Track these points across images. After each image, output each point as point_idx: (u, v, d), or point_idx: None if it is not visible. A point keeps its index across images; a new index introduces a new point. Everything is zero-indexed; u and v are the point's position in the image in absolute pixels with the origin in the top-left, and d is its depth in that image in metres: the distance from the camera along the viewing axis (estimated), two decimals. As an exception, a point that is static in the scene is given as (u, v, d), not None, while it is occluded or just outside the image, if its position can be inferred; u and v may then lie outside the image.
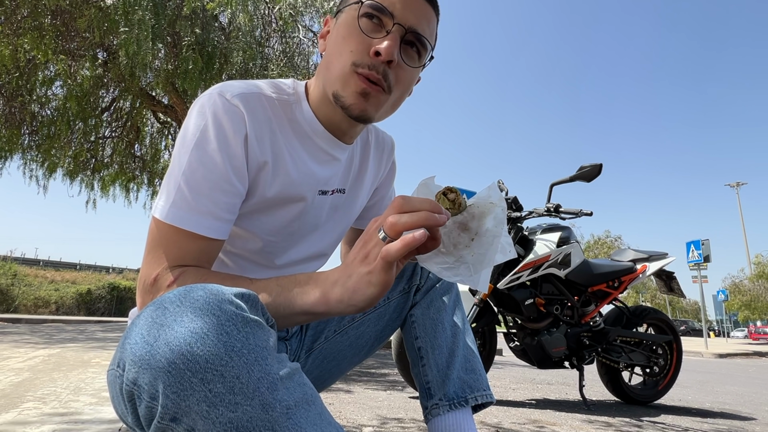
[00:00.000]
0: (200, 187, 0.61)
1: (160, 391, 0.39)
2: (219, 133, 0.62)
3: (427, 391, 0.82)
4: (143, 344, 0.40)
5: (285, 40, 5.95)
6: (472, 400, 0.81)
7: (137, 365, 0.40)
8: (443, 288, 0.88)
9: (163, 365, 0.39)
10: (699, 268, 12.52)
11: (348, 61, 0.64)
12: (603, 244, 31.37)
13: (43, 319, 9.69)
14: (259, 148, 0.65)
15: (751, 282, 27.16)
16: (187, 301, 0.42)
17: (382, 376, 3.38)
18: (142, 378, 0.40)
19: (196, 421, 0.39)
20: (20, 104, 6.30)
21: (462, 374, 0.83)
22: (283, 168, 0.69)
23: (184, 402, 0.39)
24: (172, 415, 0.39)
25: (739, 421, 2.32)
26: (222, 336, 0.40)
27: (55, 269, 18.64)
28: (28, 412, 1.63)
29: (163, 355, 0.39)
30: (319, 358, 0.88)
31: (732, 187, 32.78)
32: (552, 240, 2.52)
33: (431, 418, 0.80)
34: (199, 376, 0.39)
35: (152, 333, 0.41)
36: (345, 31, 0.65)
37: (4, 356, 3.29)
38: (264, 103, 0.67)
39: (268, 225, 0.72)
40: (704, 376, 5.24)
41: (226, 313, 0.41)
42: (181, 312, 0.41)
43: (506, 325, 2.66)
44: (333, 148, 0.74)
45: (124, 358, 0.42)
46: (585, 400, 2.40)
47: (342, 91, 0.65)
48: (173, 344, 0.39)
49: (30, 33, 5.06)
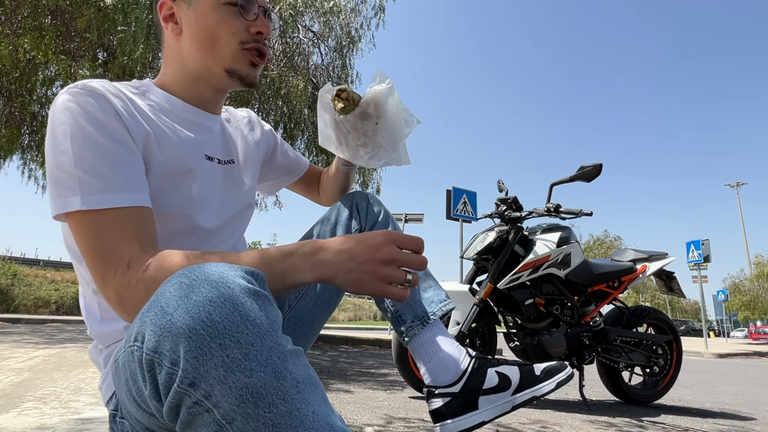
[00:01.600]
0: (99, 169, 0.61)
1: (181, 356, 0.41)
2: (89, 118, 0.63)
3: (398, 318, 0.89)
4: (163, 314, 0.43)
5: (285, 40, 5.95)
6: (438, 311, 0.89)
7: (158, 334, 0.42)
8: (382, 225, 0.95)
9: (184, 331, 0.41)
10: (699, 268, 12.50)
11: (235, 43, 0.76)
12: (602, 244, 31.33)
13: (43, 319, 9.69)
14: (134, 121, 0.68)
15: (751, 282, 27.14)
16: (202, 275, 0.44)
17: (382, 376, 3.38)
18: (164, 345, 0.42)
19: (213, 386, 0.41)
20: (20, 104, 6.29)
21: (423, 293, 0.91)
22: (164, 136, 0.71)
23: (202, 367, 0.41)
24: (191, 380, 0.41)
25: (739, 421, 2.32)
26: (237, 306, 0.42)
27: (55, 269, 18.63)
28: (28, 412, 1.63)
29: (184, 321, 0.41)
30: (290, 326, 0.91)
31: (732, 187, 32.78)
32: (552, 240, 2.52)
33: (409, 339, 0.87)
34: (217, 341, 0.41)
35: (171, 304, 0.43)
36: (219, 17, 0.75)
37: (4, 356, 3.29)
38: (117, 87, 0.70)
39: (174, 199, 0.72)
40: (704, 376, 5.24)
41: (239, 285, 0.44)
42: (198, 284, 0.44)
43: (506, 325, 2.66)
44: (199, 117, 0.80)
45: (143, 331, 0.44)
46: (585, 400, 2.40)
47: (235, 65, 0.77)
48: (193, 311, 0.42)
49: (30, 33, 5.06)
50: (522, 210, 2.57)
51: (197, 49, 0.76)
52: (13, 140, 6.64)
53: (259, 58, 0.79)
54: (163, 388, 0.43)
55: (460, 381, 0.83)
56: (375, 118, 0.87)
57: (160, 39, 0.82)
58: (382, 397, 2.38)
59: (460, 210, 6.97)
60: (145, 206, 0.63)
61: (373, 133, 0.88)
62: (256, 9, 0.78)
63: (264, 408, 0.41)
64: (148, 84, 0.79)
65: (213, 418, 0.41)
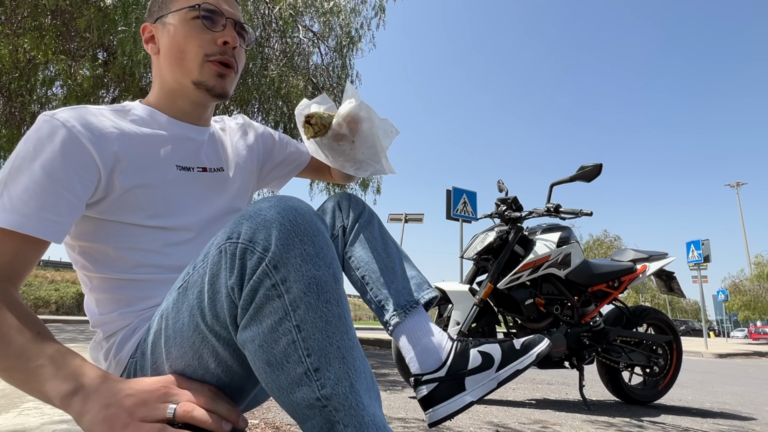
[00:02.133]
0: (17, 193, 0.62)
1: (272, 242, 0.51)
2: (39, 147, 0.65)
3: (381, 309, 0.89)
4: (258, 215, 0.53)
5: (285, 40, 5.95)
6: (421, 299, 0.89)
7: (254, 228, 0.52)
8: (365, 221, 0.95)
9: (278, 221, 0.52)
10: (699, 268, 12.51)
11: (200, 55, 0.78)
12: (602, 244, 31.32)
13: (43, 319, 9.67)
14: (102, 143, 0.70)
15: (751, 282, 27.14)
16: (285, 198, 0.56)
17: (382, 376, 3.38)
18: (259, 234, 0.52)
19: (290, 272, 0.51)
20: (20, 104, 6.29)
21: (405, 283, 0.91)
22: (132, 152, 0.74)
23: (286, 254, 0.51)
24: (276, 263, 0.51)
25: (739, 421, 2.32)
26: (310, 218, 0.55)
27: (55, 269, 18.63)
28: (28, 412, 1.63)
29: (275, 219, 0.53)
30: None
31: (732, 187, 32.76)
32: (552, 240, 2.52)
33: (393, 329, 0.87)
34: (299, 237, 0.52)
35: (264, 210, 0.54)
36: (185, 32, 0.78)
37: (4, 356, 3.29)
38: (93, 112, 0.73)
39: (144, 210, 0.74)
40: (704, 376, 5.24)
41: (313, 210, 0.57)
42: (281, 200, 0.56)
43: (506, 325, 2.66)
44: (183, 130, 0.83)
45: (239, 230, 0.53)
46: (585, 400, 2.40)
47: (201, 77, 0.79)
48: (283, 212, 0.53)
49: (30, 33, 5.06)
50: (522, 210, 2.57)
51: (169, 64, 0.80)
52: (12, 140, 6.64)
53: (226, 68, 0.81)
54: (250, 272, 0.51)
55: (445, 365, 0.84)
56: (351, 137, 0.86)
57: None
58: (382, 397, 2.38)
59: (460, 210, 6.98)
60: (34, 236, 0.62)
61: (352, 151, 0.88)
62: (224, 21, 0.81)
63: (323, 302, 0.52)
64: (134, 104, 0.83)
65: (282, 304, 0.50)
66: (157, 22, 0.82)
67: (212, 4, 0.80)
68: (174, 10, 0.80)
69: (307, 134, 0.86)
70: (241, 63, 0.85)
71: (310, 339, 0.50)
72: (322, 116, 0.85)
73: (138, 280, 0.74)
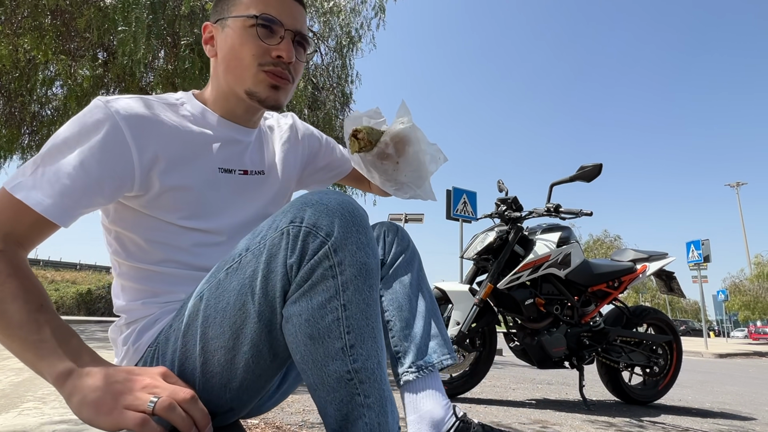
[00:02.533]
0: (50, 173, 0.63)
1: (336, 228, 0.57)
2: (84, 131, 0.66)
3: (397, 359, 0.88)
4: (320, 204, 0.59)
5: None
6: (438, 364, 0.88)
7: (318, 213, 0.58)
8: (406, 260, 0.94)
9: (339, 211, 0.58)
10: (699, 268, 12.51)
11: (254, 64, 0.77)
12: (602, 244, 31.32)
13: (43, 319, 9.66)
14: (145, 142, 0.70)
15: (751, 282, 27.14)
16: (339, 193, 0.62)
17: (382, 376, 3.37)
18: (323, 221, 0.57)
19: (345, 256, 0.57)
20: (20, 104, 6.29)
21: (428, 341, 0.90)
22: (175, 152, 0.74)
23: (345, 239, 0.57)
24: (336, 247, 0.56)
25: (739, 421, 2.32)
26: (363, 212, 0.61)
27: (55, 269, 18.64)
28: (28, 412, 1.63)
29: (337, 207, 0.59)
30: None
31: (732, 187, 32.78)
32: (552, 240, 2.52)
33: (402, 384, 0.87)
34: (357, 225, 0.59)
35: (325, 200, 0.59)
36: (241, 39, 0.77)
37: (4, 356, 3.29)
38: (144, 103, 0.73)
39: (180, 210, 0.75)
40: (704, 376, 5.24)
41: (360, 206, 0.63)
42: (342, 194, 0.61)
43: (506, 325, 2.66)
44: (231, 131, 0.83)
45: (302, 215, 0.58)
46: (585, 400, 2.40)
47: (254, 87, 0.78)
48: (343, 203, 0.59)
49: (30, 33, 5.06)
50: (522, 210, 2.57)
51: (224, 70, 0.80)
52: (12, 140, 6.64)
53: (280, 79, 0.79)
54: (311, 253, 0.56)
55: None
56: (396, 158, 0.84)
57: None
58: (382, 397, 2.38)
59: (460, 210, 6.98)
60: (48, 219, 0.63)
61: (394, 172, 0.86)
62: (282, 33, 0.78)
63: (368, 287, 0.58)
64: (188, 96, 0.83)
65: (335, 284, 0.56)
66: (218, 23, 0.81)
67: (273, 15, 0.77)
68: (234, 15, 0.78)
69: (352, 148, 0.85)
70: (298, 75, 0.84)
71: (352, 318, 0.57)
72: (371, 132, 0.83)
73: (165, 274, 0.75)
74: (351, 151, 0.86)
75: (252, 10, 0.77)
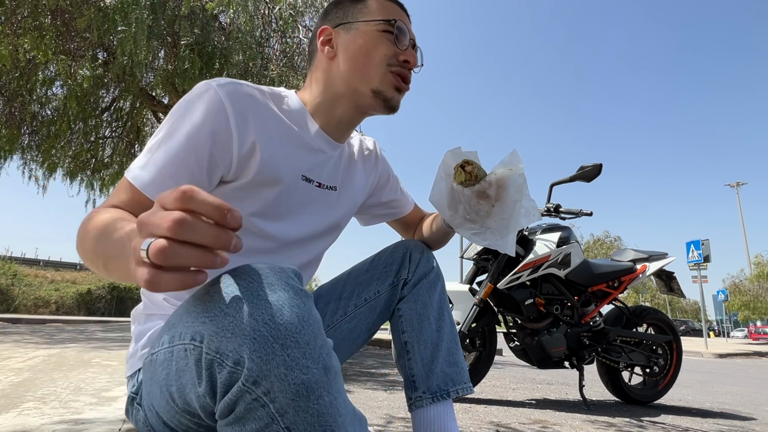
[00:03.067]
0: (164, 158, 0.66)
1: (246, 357, 0.44)
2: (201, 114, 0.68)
3: (412, 383, 0.87)
4: (224, 316, 0.45)
5: (285, 40, 5.94)
6: (453, 393, 0.86)
7: (220, 335, 0.45)
8: (429, 282, 0.93)
9: (249, 333, 0.44)
10: (699, 268, 12.51)
11: (384, 64, 0.79)
12: (602, 244, 31.31)
13: (43, 319, 9.68)
14: (246, 128, 0.71)
15: (751, 282, 27.13)
16: (258, 278, 0.47)
17: (382, 376, 3.38)
18: (227, 346, 0.44)
19: (273, 384, 0.44)
20: (20, 104, 6.30)
21: (445, 368, 0.88)
22: (270, 147, 0.74)
23: (266, 366, 0.44)
24: (255, 379, 0.43)
25: (739, 421, 2.32)
26: (294, 308, 0.46)
27: (55, 269, 18.63)
28: (28, 412, 1.63)
29: (248, 324, 0.44)
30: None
31: (732, 187, 32.76)
32: (552, 240, 2.52)
33: (415, 409, 0.85)
34: (279, 342, 0.44)
35: (232, 306, 0.45)
36: (375, 41, 0.80)
37: (4, 356, 3.29)
38: (252, 91, 0.74)
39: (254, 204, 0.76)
40: (704, 376, 5.24)
41: (293, 287, 0.48)
42: (256, 288, 0.47)
43: (506, 325, 2.66)
44: (320, 142, 0.82)
45: (203, 331, 0.46)
46: (585, 400, 2.40)
47: (381, 86, 0.80)
48: (256, 315, 0.45)
49: (30, 33, 5.06)
50: (522, 210, 2.57)
51: (348, 69, 0.80)
52: (12, 140, 6.64)
53: (403, 82, 0.82)
54: (222, 387, 0.45)
55: None
56: (492, 200, 0.82)
57: (311, 60, 0.87)
58: (382, 397, 2.38)
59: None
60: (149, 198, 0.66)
61: (486, 215, 0.84)
62: (408, 41, 0.83)
63: (313, 401, 0.45)
64: (291, 93, 0.84)
65: (267, 412, 0.44)
66: (339, 28, 0.82)
67: (404, 24, 0.82)
68: (364, 20, 0.81)
69: (457, 178, 0.83)
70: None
71: None
72: (479, 168, 0.82)
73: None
74: (455, 181, 0.83)
75: (388, 15, 0.81)
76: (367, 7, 0.82)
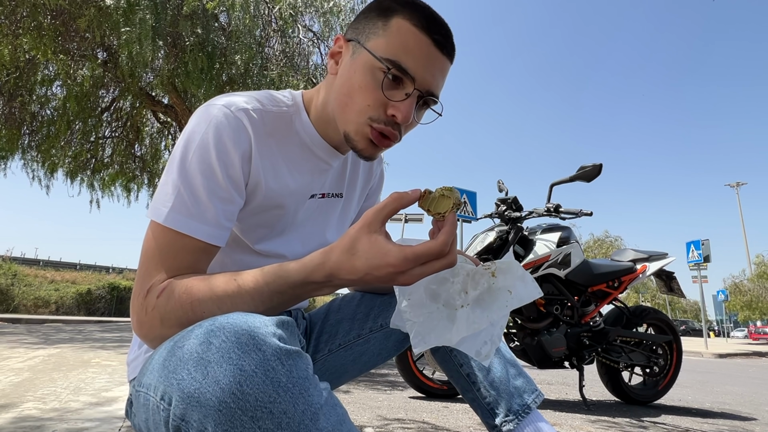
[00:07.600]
0: (199, 194, 0.62)
1: (210, 429, 0.40)
2: (219, 144, 0.64)
3: (490, 411, 0.84)
4: (191, 381, 0.42)
5: (285, 40, 5.94)
6: (533, 404, 0.84)
7: (185, 402, 0.41)
8: None
9: (214, 404, 0.40)
10: (699, 268, 12.51)
11: (365, 115, 0.67)
12: (602, 244, 31.29)
13: (43, 319, 9.69)
14: (259, 163, 0.69)
15: (752, 282, 27.11)
16: (232, 336, 0.43)
17: (381, 376, 3.38)
18: (191, 415, 0.41)
19: None
20: (20, 104, 6.29)
21: (515, 383, 0.86)
22: (280, 179, 0.73)
23: None
24: None
25: (739, 421, 2.32)
26: (269, 372, 0.41)
27: (55, 269, 18.62)
28: (28, 412, 1.63)
29: (214, 393, 0.40)
30: (320, 370, 0.89)
31: (732, 187, 32.77)
32: (552, 240, 2.52)
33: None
34: (249, 414, 0.40)
35: (200, 370, 0.42)
36: (364, 81, 0.66)
37: (4, 356, 3.29)
38: (264, 118, 0.70)
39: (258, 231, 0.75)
40: (704, 376, 5.24)
41: (270, 347, 0.43)
42: (227, 348, 0.42)
43: (506, 325, 2.66)
44: (329, 156, 0.79)
45: (171, 393, 0.43)
46: (585, 400, 2.40)
47: (354, 136, 0.69)
48: (223, 383, 0.40)
49: (30, 33, 5.06)
50: (522, 210, 2.57)
51: (334, 100, 0.71)
52: (13, 140, 6.64)
53: (384, 139, 0.69)
54: None
55: None
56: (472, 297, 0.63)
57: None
58: (382, 398, 2.38)
59: (460, 210, 6.98)
60: (215, 245, 0.64)
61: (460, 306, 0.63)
62: (410, 90, 0.66)
63: None
64: (300, 105, 0.76)
65: None
66: (351, 44, 0.70)
67: (408, 67, 0.65)
68: (368, 48, 0.67)
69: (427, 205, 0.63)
70: (406, 132, 0.73)
71: None
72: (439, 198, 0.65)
73: None
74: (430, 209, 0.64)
75: (388, 54, 0.65)
76: (385, 29, 0.66)
